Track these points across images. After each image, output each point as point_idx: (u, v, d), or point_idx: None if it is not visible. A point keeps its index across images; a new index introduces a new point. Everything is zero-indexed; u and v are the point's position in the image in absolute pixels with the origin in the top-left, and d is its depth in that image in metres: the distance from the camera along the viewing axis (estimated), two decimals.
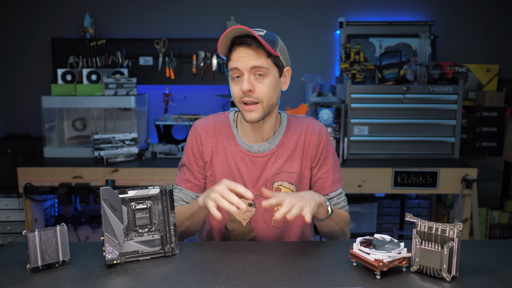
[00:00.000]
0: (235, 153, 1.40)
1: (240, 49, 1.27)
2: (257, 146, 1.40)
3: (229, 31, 1.24)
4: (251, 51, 1.26)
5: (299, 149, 1.41)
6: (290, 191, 1.40)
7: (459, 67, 3.24)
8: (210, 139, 1.42)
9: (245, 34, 1.26)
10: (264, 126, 1.38)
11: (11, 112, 3.45)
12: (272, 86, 1.29)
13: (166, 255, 1.18)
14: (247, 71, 1.26)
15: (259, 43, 1.25)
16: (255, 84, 1.27)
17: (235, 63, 1.27)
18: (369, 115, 2.85)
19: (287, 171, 1.40)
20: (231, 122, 1.44)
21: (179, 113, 3.32)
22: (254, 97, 1.28)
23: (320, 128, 1.44)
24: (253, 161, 1.39)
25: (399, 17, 3.37)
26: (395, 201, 3.22)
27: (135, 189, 1.15)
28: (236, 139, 1.41)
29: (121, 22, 3.37)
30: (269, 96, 1.30)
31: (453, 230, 1.00)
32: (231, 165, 1.40)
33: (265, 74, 1.28)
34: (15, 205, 3.02)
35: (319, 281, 1.02)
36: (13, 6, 3.35)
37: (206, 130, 1.43)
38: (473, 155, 3.10)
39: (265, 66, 1.27)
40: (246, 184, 1.39)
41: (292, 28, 3.36)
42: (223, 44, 1.28)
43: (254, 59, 1.25)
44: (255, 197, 1.40)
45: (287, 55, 1.36)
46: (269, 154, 1.40)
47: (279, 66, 1.32)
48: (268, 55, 1.27)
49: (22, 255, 1.17)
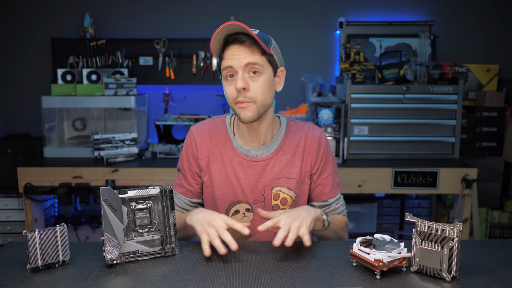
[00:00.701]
0: (232, 157, 1.38)
1: (234, 46, 1.24)
2: (254, 150, 1.37)
3: (222, 28, 1.21)
4: (245, 48, 1.23)
5: (299, 154, 1.39)
6: (289, 197, 1.38)
7: (459, 67, 3.24)
8: (206, 144, 1.39)
9: (238, 32, 1.23)
10: (260, 129, 1.35)
11: (11, 112, 3.45)
12: (266, 85, 1.27)
13: (166, 255, 1.18)
14: (241, 68, 1.24)
15: (253, 40, 1.23)
16: (250, 83, 1.25)
17: (228, 62, 1.24)
18: (369, 115, 2.85)
19: (286, 177, 1.37)
20: (228, 126, 1.41)
21: (179, 113, 3.32)
22: (248, 96, 1.25)
23: (320, 134, 1.42)
24: (251, 165, 1.37)
25: (399, 17, 3.37)
26: (395, 201, 3.22)
27: (135, 189, 1.15)
28: (233, 143, 1.39)
29: (121, 22, 3.37)
30: (264, 96, 1.27)
31: (453, 230, 1.00)
32: (228, 170, 1.37)
33: (260, 72, 1.25)
34: (15, 205, 3.02)
35: (319, 281, 1.02)
36: (13, 6, 3.35)
37: (201, 135, 1.40)
38: (473, 155, 3.10)
39: (260, 63, 1.24)
40: (244, 189, 1.37)
41: (292, 28, 3.36)
42: (216, 42, 1.25)
43: (248, 56, 1.23)
44: (253, 202, 1.38)
45: (280, 55, 1.35)
46: (267, 159, 1.37)
47: (274, 65, 1.30)
48: (262, 53, 1.25)
49: (22, 255, 1.17)
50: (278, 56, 1.32)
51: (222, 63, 1.27)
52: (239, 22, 1.19)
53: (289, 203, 1.39)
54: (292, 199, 1.39)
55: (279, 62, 1.33)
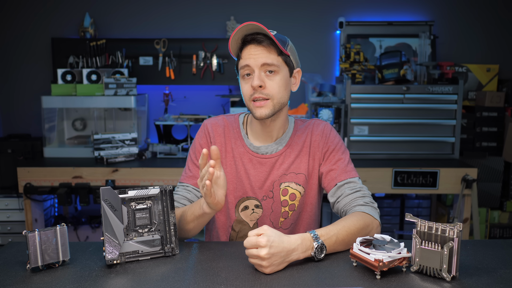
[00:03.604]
0: (243, 154, 1.40)
1: (251, 46, 1.27)
2: (264, 147, 1.39)
3: (240, 28, 1.23)
4: (262, 48, 1.26)
5: (306, 149, 1.40)
6: (298, 193, 1.39)
7: (459, 67, 3.24)
8: (220, 139, 1.42)
9: (256, 32, 1.26)
10: (273, 126, 1.37)
11: (11, 112, 3.45)
12: (282, 84, 1.29)
13: (166, 255, 1.18)
14: (258, 68, 1.26)
15: (270, 41, 1.25)
16: (266, 81, 1.27)
17: (245, 61, 1.27)
18: (369, 115, 2.85)
19: (294, 172, 1.39)
20: (240, 124, 1.44)
21: (179, 113, 3.32)
22: (265, 93, 1.27)
23: (324, 126, 1.43)
24: (261, 162, 1.39)
25: (399, 17, 3.37)
26: (395, 201, 3.22)
27: (135, 189, 1.15)
28: (244, 140, 1.41)
29: (121, 22, 3.37)
30: (280, 94, 1.29)
31: (453, 230, 1.00)
32: (239, 166, 1.40)
33: (276, 72, 1.28)
34: (15, 205, 3.02)
35: (319, 281, 1.02)
36: (13, 6, 3.35)
37: (216, 130, 1.43)
38: (473, 155, 3.10)
39: (276, 64, 1.27)
40: (253, 186, 1.39)
41: (292, 28, 3.36)
42: (234, 42, 1.28)
43: (265, 56, 1.25)
44: (262, 198, 1.39)
45: (297, 57, 1.37)
46: (276, 155, 1.39)
47: (290, 66, 1.32)
48: (279, 53, 1.27)
49: (22, 255, 1.17)
50: (294, 57, 1.34)
51: (240, 62, 1.30)
52: (257, 23, 1.22)
53: (298, 198, 1.40)
54: (301, 194, 1.40)
55: (295, 63, 1.35)
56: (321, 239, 1.12)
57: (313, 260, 1.13)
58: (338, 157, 1.38)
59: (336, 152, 1.39)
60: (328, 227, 1.17)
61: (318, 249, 1.11)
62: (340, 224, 1.19)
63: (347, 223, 1.19)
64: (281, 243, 1.06)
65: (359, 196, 1.32)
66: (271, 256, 1.04)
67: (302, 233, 1.15)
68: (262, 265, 1.04)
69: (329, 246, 1.14)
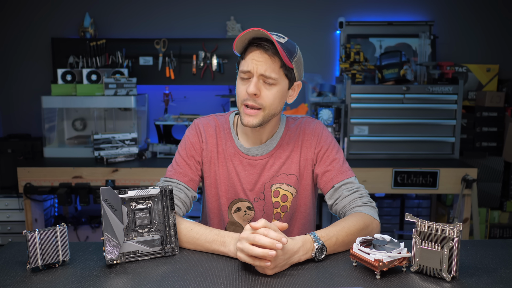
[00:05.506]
0: (234, 155, 1.39)
1: (256, 52, 1.24)
2: (254, 149, 1.38)
3: (249, 32, 1.21)
4: (267, 57, 1.23)
5: (297, 149, 1.39)
6: (290, 194, 1.38)
7: (459, 67, 3.24)
8: (211, 140, 1.41)
9: (264, 38, 1.23)
10: (262, 131, 1.36)
11: (11, 112, 3.45)
12: (278, 96, 1.27)
13: (166, 255, 1.18)
14: (257, 75, 1.24)
15: (276, 50, 1.22)
16: (262, 90, 1.25)
17: (247, 64, 1.25)
18: (369, 115, 2.85)
19: (285, 173, 1.38)
20: (231, 125, 1.42)
21: (179, 113, 3.32)
22: (258, 102, 1.26)
23: (315, 125, 1.41)
24: (251, 164, 1.38)
25: (399, 17, 3.37)
26: (395, 201, 3.22)
27: (135, 189, 1.15)
28: (235, 142, 1.40)
29: (121, 22, 3.37)
30: (273, 105, 1.28)
31: (453, 230, 1.00)
32: (230, 168, 1.39)
33: (274, 84, 1.26)
34: (15, 205, 3.02)
35: (319, 281, 1.02)
36: (13, 6, 3.35)
37: (208, 131, 1.41)
38: (473, 155, 3.10)
39: (274, 77, 1.24)
40: (244, 187, 1.38)
41: (292, 28, 3.36)
42: (240, 42, 1.25)
43: (267, 66, 1.23)
44: (253, 200, 1.39)
45: (302, 68, 1.34)
46: (267, 157, 1.38)
47: (290, 79, 1.29)
48: (281, 65, 1.25)
49: (22, 255, 1.17)
50: (299, 69, 1.32)
51: (242, 62, 1.28)
52: (268, 32, 1.19)
53: (290, 199, 1.39)
54: (292, 195, 1.39)
55: (298, 75, 1.32)
56: (321, 240, 1.12)
57: (313, 260, 1.13)
58: (333, 157, 1.37)
59: (330, 152, 1.37)
60: (328, 228, 1.17)
61: (319, 250, 1.12)
62: (340, 225, 1.19)
63: (347, 224, 1.19)
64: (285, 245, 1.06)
65: (357, 196, 1.31)
66: (275, 258, 1.04)
67: (298, 235, 1.15)
68: (267, 267, 1.04)
69: (329, 247, 1.14)
